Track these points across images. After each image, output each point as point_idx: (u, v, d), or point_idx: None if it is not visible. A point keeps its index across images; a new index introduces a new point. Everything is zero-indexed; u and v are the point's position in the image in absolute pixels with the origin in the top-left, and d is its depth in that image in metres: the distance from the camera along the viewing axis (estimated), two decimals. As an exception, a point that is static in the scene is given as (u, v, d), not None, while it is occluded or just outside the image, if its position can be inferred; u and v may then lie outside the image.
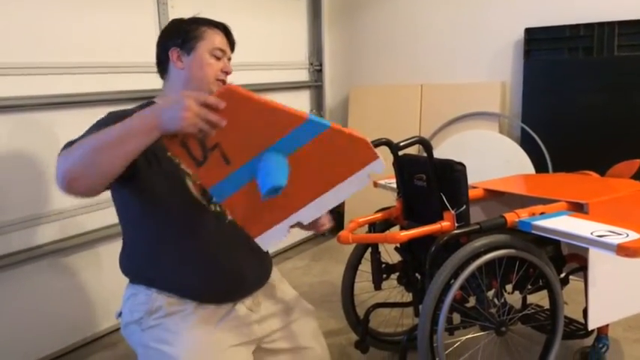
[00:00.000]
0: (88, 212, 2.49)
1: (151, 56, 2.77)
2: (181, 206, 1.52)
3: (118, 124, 1.20)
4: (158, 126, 1.20)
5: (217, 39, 1.62)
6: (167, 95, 1.61)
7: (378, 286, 2.00)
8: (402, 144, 1.68)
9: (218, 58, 1.61)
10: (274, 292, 1.73)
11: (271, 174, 1.33)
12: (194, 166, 1.35)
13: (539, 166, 3.40)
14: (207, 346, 1.49)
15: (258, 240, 1.48)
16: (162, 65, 1.65)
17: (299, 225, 1.55)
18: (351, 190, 1.46)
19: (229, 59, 1.67)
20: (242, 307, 1.61)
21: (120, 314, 1.63)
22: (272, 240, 1.49)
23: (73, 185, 1.19)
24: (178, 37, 1.60)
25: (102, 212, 2.54)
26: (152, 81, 2.73)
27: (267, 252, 1.72)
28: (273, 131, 1.37)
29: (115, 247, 2.55)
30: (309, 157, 1.42)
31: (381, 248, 2.02)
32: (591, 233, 1.52)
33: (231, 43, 1.68)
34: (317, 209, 1.48)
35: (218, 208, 1.58)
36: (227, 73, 1.64)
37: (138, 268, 1.56)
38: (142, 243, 1.56)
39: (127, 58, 2.63)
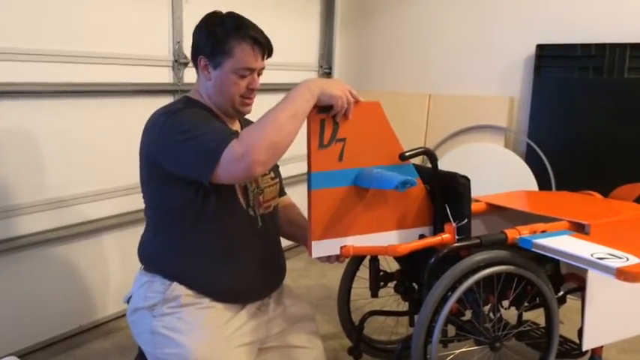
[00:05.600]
0: (89, 202, 2.50)
1: (163, 50, 2.80)
2: (224, 205, 1.55)
3: (278, 105, 1.41)
4: (316, 94, 1.44)
5: (245, 57, 1.54)
6: (199, 93, 1.62)
7: (374, 294, 2.00)
8: (407, 154, 1.68)
9: (244, 76, 1.56)
10: (281, 294, 1.76)
11: (400, 175, 1.55)
12: (317, 146, 1.54)
13: (543, 183, 3.40)
14: (217, 341, 1.52)
15: (315, 245, 1.62)
16: (194, 63, 1.62)
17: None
18: (401, 240, 1.72)
19: (261, 71, 1.61)
20: (252, 307, 1.63)
21: (129, 299, 1.64)
22: (325, 249, 1.65)
23: (258, 170, 1.36)
24: (207, 45, 1.54)
25: (103, 202, 2.55)
26: (163, 75, 2.77)
27: (284, 257, 1.79)
28: (382, 155, 1.65)
29: (118, 237, 2.61)
30: (390, 195, 1.67)
31: (379, 256, 2.02)
32: (591, 255, 1.52)
33: (268, 52, 1.60)
34: (375, 241, 1.69)
35: (252, 213, 1.62)
36: (253, 89, 1.59)
37: (162, 259, 1.56)
38: (173, 236, 1.57)
39: (139, 51, 2.63)
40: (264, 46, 1.57)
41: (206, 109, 1.60)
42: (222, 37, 1.52)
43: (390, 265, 2.05)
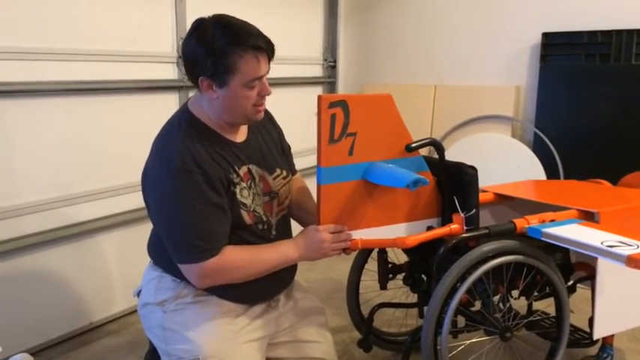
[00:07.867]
0: (98, 199, 2.50)
1: (167, 46, 2.79)
2: (233, 220, 1.51)
3: (269, 255, 1.52)
4: (301, 259, 1.57)
5: (252, 67, 1.40)
6: (205, 110, 1.50)
7: (383, 286, 2.00)
8: (413, 145, 1.68)
9: (254, 87, 1.44)
10: (292, 288, 1.75)
11: (411, 174, 1.57)
12: (327, 141, 1.53)
13: (551, 172, 3.38)
14: (226, 337, 1.53)
15: None
16: (193, 83, 1.48)
17: None
18: (409, 232, 1.73)
19: (267, 73, 1.47)
20: (263, 304, 1.63)
21: (139, 292, 1.64)
22: None
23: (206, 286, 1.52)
24: (207, 65, 1.39)
25: (111, 200, 2.56)
26: (168, 71, 2.77)
27: None
28: (393, 149, 1.63)
29: (127, 233, 2.62)
30: (399, 189, 1.63)
31: (387, 248, 2.01)
32: (601, 243, 1.51)
33: (271, 53, 1.46)
34: (383, 234, 1.69)
35: (264, 227, 1.58)
36: (264, 95, 1.48)
37: (171, 261, 1.51)
38: None
39: (142, 48, 2.63)
40: (267, 50, 1.43)
41: (211, 132, 1.50)
42: (221, 55, 1.37)
43: (398, 257, 2.05)
